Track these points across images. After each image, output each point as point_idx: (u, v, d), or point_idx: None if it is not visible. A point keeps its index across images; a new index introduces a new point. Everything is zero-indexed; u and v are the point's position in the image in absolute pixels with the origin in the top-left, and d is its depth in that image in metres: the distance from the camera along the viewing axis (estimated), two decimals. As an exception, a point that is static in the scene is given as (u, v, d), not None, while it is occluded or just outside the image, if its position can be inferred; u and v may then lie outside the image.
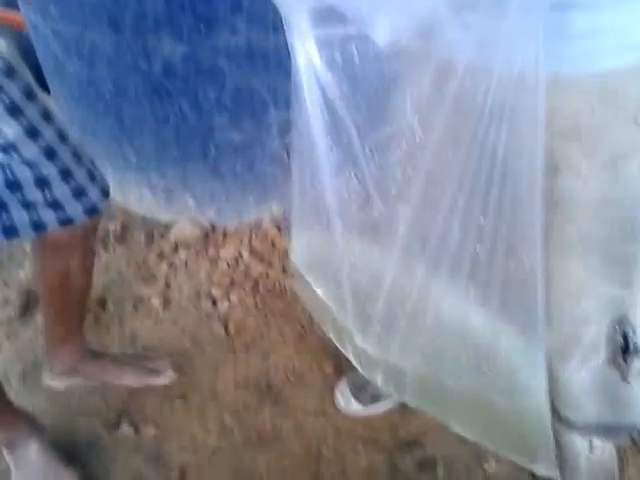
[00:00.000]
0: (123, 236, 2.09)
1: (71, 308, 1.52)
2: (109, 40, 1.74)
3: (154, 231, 2.11)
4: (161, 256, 2.02)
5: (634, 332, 1.06)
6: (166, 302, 1.89)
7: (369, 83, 0.83)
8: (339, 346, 1.21)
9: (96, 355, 1.65)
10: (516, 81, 0.73)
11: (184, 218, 2.12)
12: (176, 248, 2.04)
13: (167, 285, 1.94)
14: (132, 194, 2.14)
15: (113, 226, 2.11)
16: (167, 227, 2.11)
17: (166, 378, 1.66)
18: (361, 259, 1.03)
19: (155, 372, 1.67)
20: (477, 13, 0.71)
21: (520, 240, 0.84)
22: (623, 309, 1.00)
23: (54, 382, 1.63)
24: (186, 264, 2.00)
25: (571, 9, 0.76)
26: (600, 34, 0.77)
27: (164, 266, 1.99)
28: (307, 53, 0.79)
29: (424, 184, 0.87)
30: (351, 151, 0.88)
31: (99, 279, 1.94)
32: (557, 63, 0.79)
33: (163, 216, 2.14)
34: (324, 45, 0.78)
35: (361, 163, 0.88)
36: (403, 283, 0.98)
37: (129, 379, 1.65)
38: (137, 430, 1.60)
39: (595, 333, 1.03)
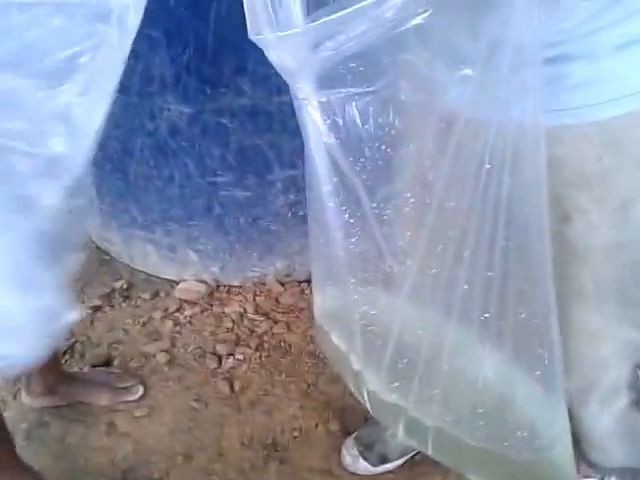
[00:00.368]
0: (128, 294, 2.10)
1: None
2: (116, 102, 1.77)
3: (159, 289, 2.12)
4: (166, 314, 2.03)
5: None
6: (171, 360, 1.89)
7: (372, 142, 0.85)
8: (359, 399, 1.21)
9: (71, 377, 1.79)
10: (515, 131, 0.74)
11: (188, 275, 2.13)
12: (181, 306, 2.05)
13: (172, 343, 1.94)
14: (137, 251, 2.15)
15: (119, 284, 2.12)
16: (172, 285, 2.12)
17: (136, 395, 1.78)
18: (373, 308, 1.04)
19: (126, 390, 1.78)
20: (474, 68, 0.73)
21: (530, 289, 0.85)
22: None
23: (32, 402, 1.73)
24: (191, 321, 2.00)
25: (569, 62, 0.78)
26: (600, 84, 0.80)
27: (169, 324, 1.99)
28: (312, 117, 0.81)
29: (430, 237, 0.88)
30: (360, 209, 0.89)
31: (105, 337, 1.95)
32: (560, 114, 0.81)
33: (168, 273, 2.15)
34: (326, 109, 0.80)
35: (370, 221, 0.90)
36: (416, 332, 0.99)
37: (102, 398, 1.76)
38: (142, 490, 1.58)
39: (615, 377, 1.03)
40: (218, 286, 2.11)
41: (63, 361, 1.84)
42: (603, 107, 0.81)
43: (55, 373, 1.72)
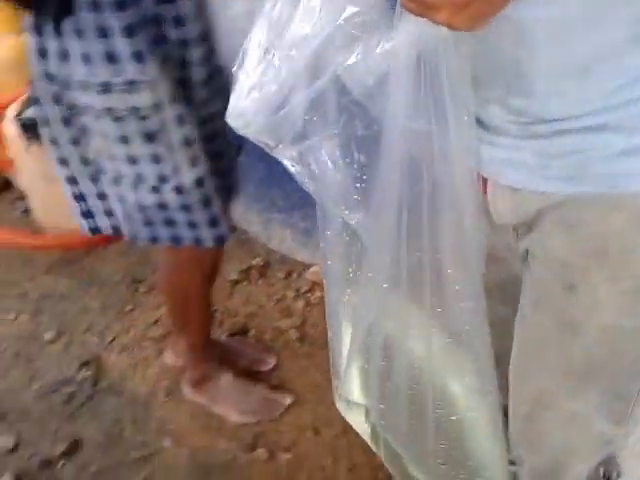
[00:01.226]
0: (264, 272, 2.22)
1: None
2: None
3: (292, 270, 2.22)
4: (298, 293, 2.13)
5: (618, 476, 1.02)
6: (302, 336, 1.99)
7: (347, 181, 0.85)
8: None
9: (211, 342, 1.83)
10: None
11: (319, 260, 2.22)
12: (312, 287, 2.15)
13: (303, 321, 2.04)
14: (274, 233, 2.27)
15: (255, 262, 2.24)
16: (304, 267, 2.22)
17: (269, 366, 1.89)
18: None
19: (260, 360, 1.90)
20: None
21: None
22: (612, 449, 0.97)
23: (175, 361, 1.85)
24: (321, 303, 2.08)
25: (607, 131, 0.74)
26: (637, 155, 0.75)
27: (301, 303, 2.09)
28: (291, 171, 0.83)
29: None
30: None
31: (241, 309, 2.08)
32: (597, 180, 0.77)
33: (301, 256, 2.25)
34: (300, 161, 0.81)
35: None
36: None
37: (238, 366, 1.85)
38: (271, 455, 1.68)
39: (579, 472, 0.98)
40: (347, 273, 2.19)
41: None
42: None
43: (202, 335, 1.81)
